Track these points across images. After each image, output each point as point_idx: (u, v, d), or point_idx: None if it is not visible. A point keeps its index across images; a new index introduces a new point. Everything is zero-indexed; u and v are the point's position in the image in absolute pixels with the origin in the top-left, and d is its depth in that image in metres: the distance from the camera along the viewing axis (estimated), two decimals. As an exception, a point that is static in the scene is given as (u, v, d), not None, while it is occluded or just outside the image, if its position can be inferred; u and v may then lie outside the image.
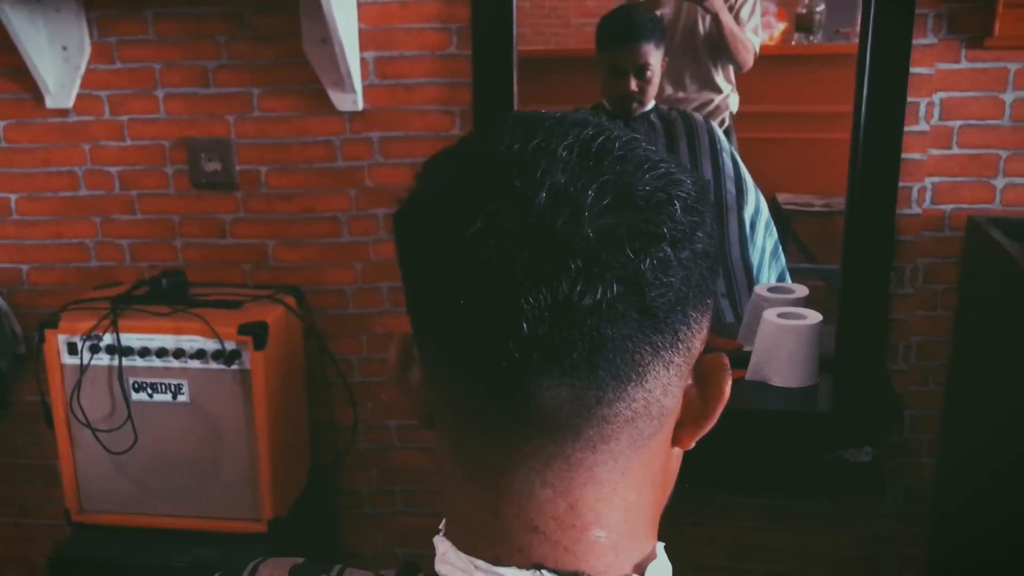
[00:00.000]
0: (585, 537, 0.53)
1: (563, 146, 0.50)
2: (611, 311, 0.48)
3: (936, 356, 1.82)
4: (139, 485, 1.75)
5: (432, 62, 1.80)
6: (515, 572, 0.52)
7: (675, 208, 0.50)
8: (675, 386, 0.53)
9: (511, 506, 0.53)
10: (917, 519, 1.92)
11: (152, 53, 1.86)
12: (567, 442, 0.51)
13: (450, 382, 0.53)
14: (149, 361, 1.69)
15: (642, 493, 0.55)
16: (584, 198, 0.48)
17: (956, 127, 1.71)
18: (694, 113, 2.27)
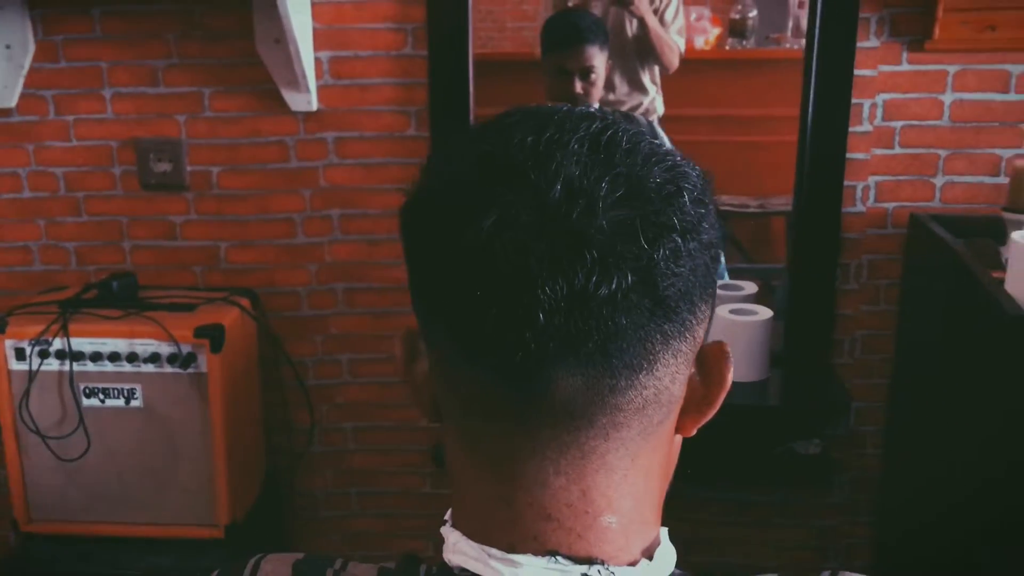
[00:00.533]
0: (597, 523, 0.54)
1: (575, 139, 0.51)
2: (625, 301, 0.49)
3: (880, 350, 1.88)
4: (91, 493, 1.71)
5: (387, 62, 1.80)
6: (530, 559, 0.53)
7: (684, 200, 0.52)
8: (682, 374, 0.55)
9: (525, 494, 0.54)
10: (863, 509, 1.98)
11: (99, 52, 1.82)
12: (581, 430, 0.52)
13: (462, 374, 0.54)
14: (101, 366, 1.65)
15: (650, 479, 0.57)
16: (598, 190, 0.49)
17: (898, 127, 1.77)
18: (638, 116, 2.30)
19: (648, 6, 2.22)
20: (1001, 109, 1.74)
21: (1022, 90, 1.73)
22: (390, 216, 1.87)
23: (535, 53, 2.19)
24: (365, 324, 1.94)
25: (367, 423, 2.01)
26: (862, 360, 1.89)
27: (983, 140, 1.76)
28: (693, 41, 2.77)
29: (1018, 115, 1.74)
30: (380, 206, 1.86)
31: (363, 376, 1.97)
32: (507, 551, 0.54)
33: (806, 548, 2.01)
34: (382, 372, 1.96)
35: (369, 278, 1.91)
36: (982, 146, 1.77)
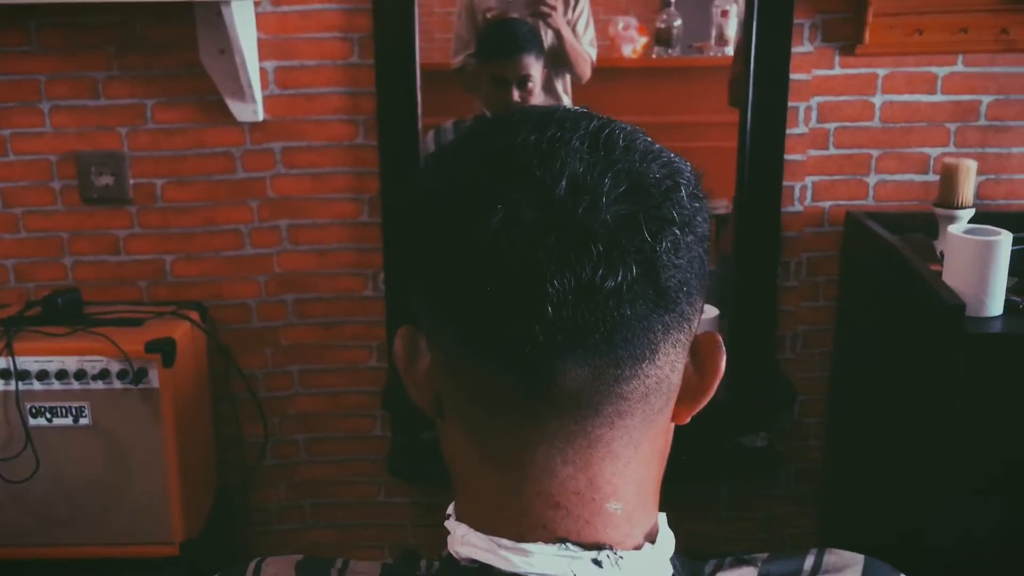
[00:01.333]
0: (603, 510, 0.56)
1: (576, 137, 0.53)
2: (630, 292, 0.51)
3: (821, 344, 1.95)
4: (41, 515, 1.67)
5: (334, 71, 1.80)
6: (540, 547, 0.55)
7: (682, 194, 0.54)
8: (680, 363, 0.57)
9: (533, 484, 0.56)
10: (808, 499, 2.04)
11: (36, 65, 1.79)
12: (587, 419, 0.54)
13: (469, 368, 0.55)
14: (48, 384, 1.62)
15: (650, 466, 0.59)
16: (601, 186, 0.51)
17: (832, 129, 1.84)
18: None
19: (563, 19, 2.27)
20: (928, 110, 1.82)
21: (948, 91, 1.81)
22: (339, 225, 1.87)
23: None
24: (316, 334, 1.93)
25: (319, 434, 2.00)
26: (804, 354, 1.96)
27: (912, 139, 1.84)
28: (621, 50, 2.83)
29: (944, 115, 1.82)
30: (329, 215, 1.86)
31: (314, 387, 1.96)
32: (516, 540, 0.55)
33: (753, 540, 2.06)
34: (333, 383, 1.96)
35: (319, 288, 1.90)
36: (912, 145, 1.85)
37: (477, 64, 2.25)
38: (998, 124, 1.83)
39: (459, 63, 2.29)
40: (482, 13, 2.33)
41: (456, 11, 2.37)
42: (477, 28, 2.31)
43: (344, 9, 1.77)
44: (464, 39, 2.32)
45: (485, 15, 2.33)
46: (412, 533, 2.04)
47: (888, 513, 1.71)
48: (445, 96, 2.14)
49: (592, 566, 0.55)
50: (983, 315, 1.38)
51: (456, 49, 2.32)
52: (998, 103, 1.82)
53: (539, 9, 2.23)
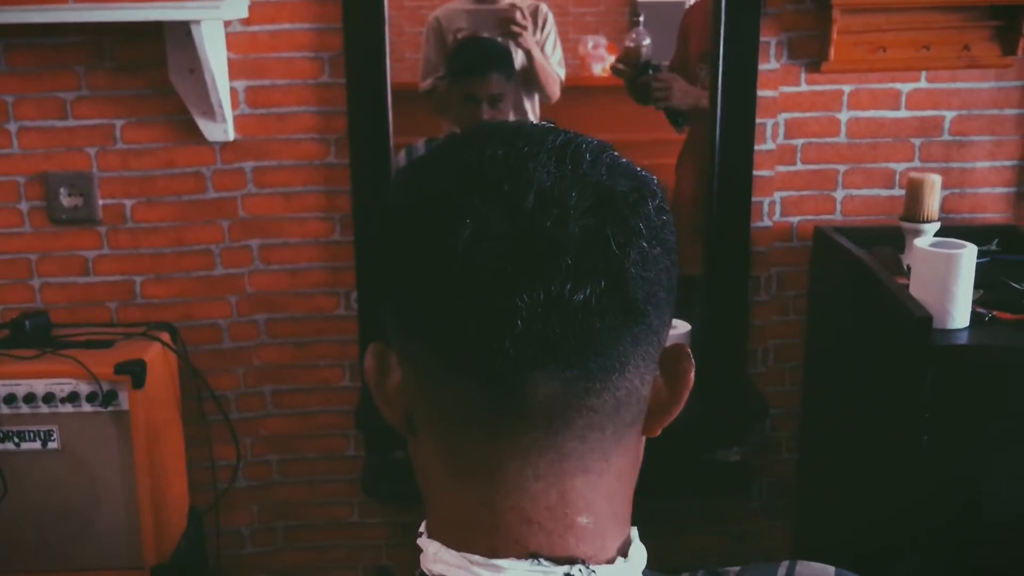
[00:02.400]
0: (576, 524, 0.56)
1: (543, 151, 0.54)
2: (599, 305, 0.51)
3: (791, 358, 1.96)
4: (7, 541, 1.65)
5: (305, 91, 1.80)
6: (512, 563, 0.55)
7: (648, 207, 0.54)
8: (649, 375, 0.57)
9: (505, 499, 0.56)
10: (781, 513, 2.05)
11: (4, 85, 1.77)
12: (559, 433, 0.54)
13: (440, 383, 0.55)
14: (15, 408, 1.60)
15: (621, 479, 0.59)
16: (569, 199, 0.52)
17: (799, 145, 1.86)
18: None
19: (533, 40, 2.29)
20: (893, 125, 1.85)
21: (912, 107, 1.84)
22: (311, 245, 1.86)
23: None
24: (288, 354, 1.92)
25: (292, 455, 1.98)
26: (775, 368, 1.97)
27: (878, 155, 1.87)
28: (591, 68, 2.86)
29: (909, 131, 1.85)
30: (301, 235, 1.85)
31: (287, 407, 1.95)
32: (489, 556, 0.55)
33: (727, 554, 2.07)
34: (306, 403, 1.95)
35: (291, 308, 1.90)
36: (878, 160, 1.87)
37: (448, 83, 2.26)
38: (961, 139, 1.86)
39: (428, 86, 2.30)
40: (452, 34, 2.34)
41: (424, 34, 2.38)
42: (446, 50, 2.32)
43: (315, 29, 1.77)
44: (432, 62, 2.33)
45: (455, 35, 2.34)
46: (387, 554, 2.03)
47: (862, 525, 1.72)
48: (416, 115, 2.14)
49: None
50: (949, 327, 1.40)
51: (425, 72, 2.33)
52: (961, 118, 1.85)
53: (509, 29, 2.25)
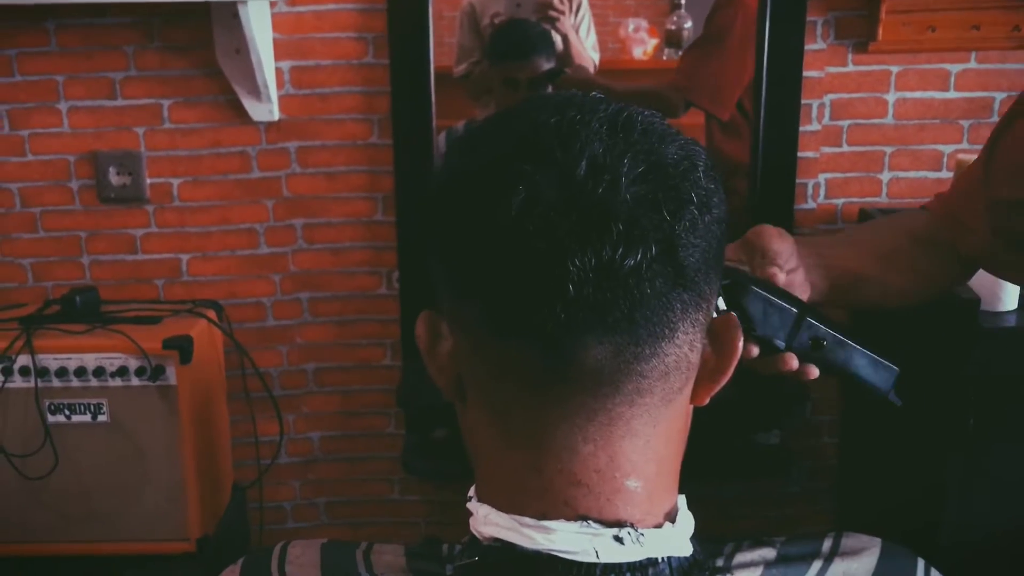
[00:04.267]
0: (624, 487, 0.57)
1: (595, 119, 0.54)
2: (650, 271, 0.52)
3: (834, 341, 1.94)
4: (59, 512, 1.68)
5: (349, 71, 1.81)
6: (562, 524, 0.56)
7: (699, 175, 0.55)
8: (698, 342, 0.58)
9: (555, 462, 0.56)
10: (821, 497, 2.04)
11: (54, 65, 1.80)
12: (608, 397, 0.55)
13: (492, 348, 0.56)
14: (66, 381, 1.63)
15: (670, 445, 0.60)
16: (620, 167, 0.52)
17: (845, 126, 1.84)
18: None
19: (570, 24, 2.28)
20: (941, 107, 1.82)
21: (961, 88, 1.81)
22: (354, 224, 1.88)
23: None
24: (330, 333, 1.94)
25: (334, 432, 2.01)
26: (817, 352, 1.95)
27: (925, 137, 1.84)
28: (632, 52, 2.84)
29: (957, 112, 1.82)
30: (343, 214, 1.87)
31: (328, 385, 1.97)
32: (539, 519, 0.56)
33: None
34: (347, 381, 1.97)
35: (334, 287, 1.92)
36: (925, 142, 1.85)
37: (488, 66, 2.25)
38: (1012, 121, 1.83)
39: (463, 71, 2.28)
40: (488, 18, 2.34)
41: (457, 19, 2.38)
42: (480, 35, 2.31)
43: (359, 9, 1.78)
44: (467, 48, 2.32)
45: (492, 20, 2.34)
46: (426, 531, 2.05)
47: (903, 510, 1.71)
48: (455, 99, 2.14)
49: (614, 543, 0.56)
50: (999, 309, 1.38)
51: (459, 58, 2.32)
52: (1011, 100, 1.81)
53: (547, 14, 2.24)
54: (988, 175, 0.98)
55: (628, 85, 2.41)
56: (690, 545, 0.59)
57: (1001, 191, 0.96)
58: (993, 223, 0.97)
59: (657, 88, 2.40)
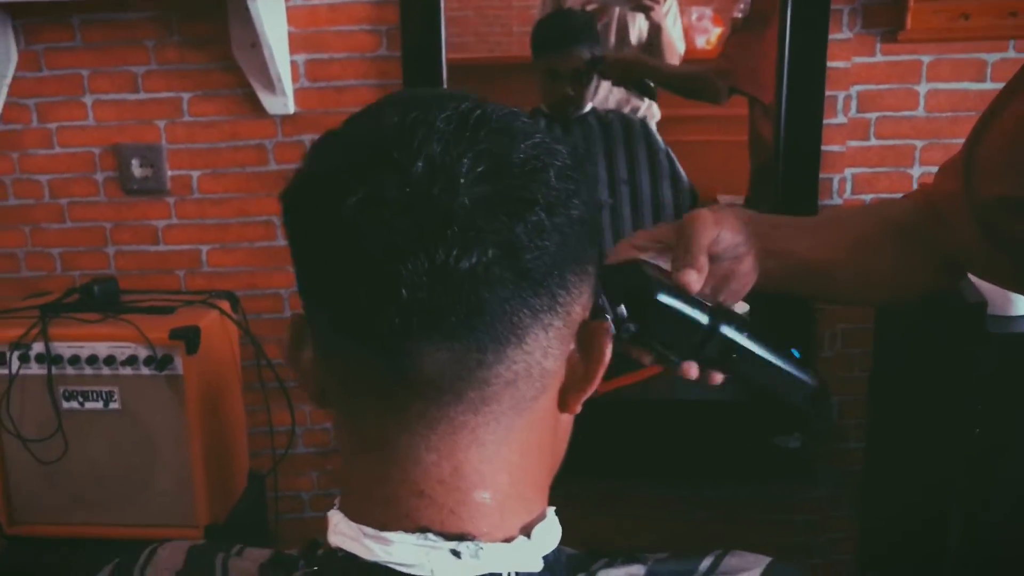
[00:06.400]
0: (470, 499, 0.55)
1: (441, 118, 0.52)
2: (487, 274, 0.49)
3: (861, 343, 1.87)
4: (72, 495, 1.73)
5: (363, 64, 1.81)
6: (400, 536, 0.54)
7: (549, 175, 0.52)
8: (555, 349, 0.55)
9: (398, 471, 0.55)
10: (847, 503, 1.97)
11: (80, 59, 1.85)
12: (450, 405, 0.53)
13: (340, 353, 0.55)
14: (79, 369, 1.67)
15: (527, 456, 0.57)
16: (459, 167, 0.50)
17: (873, 119, 1.76)
18: (631, 115, 2.30)
19: (663, 12, 2.22)
20: (977, 98, 1.73)
21: (998, 78, 1.72)
22: (368, 217, 1.87)
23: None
24: (346, 325, 1.95)
25: (351, 424, 2.01)
26: (843, 353, 1.88)
27: (959, 130, 1.75)
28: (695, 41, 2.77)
29: (993, 104, 1.73)
30: (358, 207, 1.87)
31: (346, 377, 1.98)
32: (380, 529, 0.55)
33: (790, 544, 1.99)
34: (364, 373, 1.97)
35: (349, 279, 1.92)
36: (958, 136, 1.73)
37: (532, 57, 2.23)
38: (1054, 113, 1.72)
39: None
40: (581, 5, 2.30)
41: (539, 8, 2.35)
42: None
43: (373, 1, 1.78)
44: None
45: (584, 7, 2.29)
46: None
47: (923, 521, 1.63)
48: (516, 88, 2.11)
49: (450, 556, 0.53)
50: (1008, 314, 1.30)
51: None
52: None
53: (642, 3, 2.19)
54: (972, 170, 0.91)
55: (675, 67, 2.35)
56: (540, 561, 0.56)
57: (991, 188, 0.89)
58: (979, 222, 0.90)
59: (702, 72, 2.34)
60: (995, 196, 0.88)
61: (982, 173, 0.90)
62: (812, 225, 1.00)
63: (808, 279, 0.93)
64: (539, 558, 0.56)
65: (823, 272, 0.93)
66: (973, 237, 0.91)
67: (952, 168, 0.94)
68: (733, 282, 0.85)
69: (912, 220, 0.96)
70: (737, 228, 0.85)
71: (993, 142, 0.90)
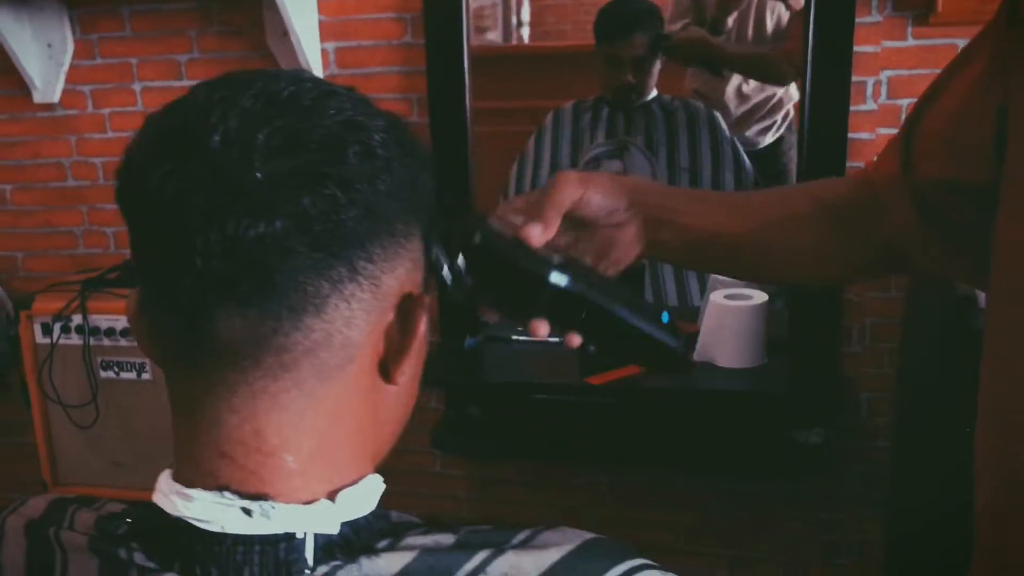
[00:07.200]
0: (271, 461, 0.57)
1: (248, 95, 0.55)
2: (277, 245, 0.52)
3: (890, 338, 1.81)
4: (111, 459, 1.84)
5: (389, 51, 1.85)
6: (201, 493, 0.57)
7: (348, 152, 0.54)
8: (360, 320, 0.56)
9: (203, 433, 0.58)
10: (876, 503, 1.91)
11: (129, 48, 1.95)
12: (248, 370, 0.55)
13: (153, 319, 0.58)
14: (115, 341, 1.77)
15: (338, 423, 0.59)
16: (254, 141, 0.52)
17: (904, 105, 1.70)
18: (696, 103, 2.25)
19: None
20: (1014, 84, 1.64)
21: (1037, 63, 1.63)
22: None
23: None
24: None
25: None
26: (872, 348, 1.82)
27: (995, 117, 1.67)
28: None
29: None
30: (385, 191, 1.91)
31: (375, 357, 2.03)
32: (188, 486, 0.58)
33: (815, 542, 1.94)
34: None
35: (378, 262, 1.97)
36: (995, 124, 1.67)
37: (595, 44, 2.22)
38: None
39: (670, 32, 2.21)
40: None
41: None
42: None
43: (398, -11, 1.82)
44: (683, 6, 2.25)
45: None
46: (468, 507, 2.08)
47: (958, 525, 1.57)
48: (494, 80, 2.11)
49: (242, 515, 0.56)
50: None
51: (673, 15, 2.25)
52: None
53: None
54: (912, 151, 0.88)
55: (742, 48, 2.30)
56: (338, 524, 0.58)
57: (930, 170, 0.86)
58: (917, 205, 0.87)
59: (770, 54, 2.29)
60: (934, 178, 0.85)
61: (921, 154, 0.87)
62: (724, 199, 0.97)
63: (710, 252, 0.90)
64: (338, 521, 0.58)
65: (731, 247, 0.90)
66: (911, 221, 0.88)
67: (892, 148, 0.91)
68: (614, 250, 0.84)
69: (848, 202, 0.92)
70: (611, 192, 0.83)
71: (934, 121, 0.86)
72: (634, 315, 0.73)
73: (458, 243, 0.67)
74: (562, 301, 0.71)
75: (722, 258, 0.93)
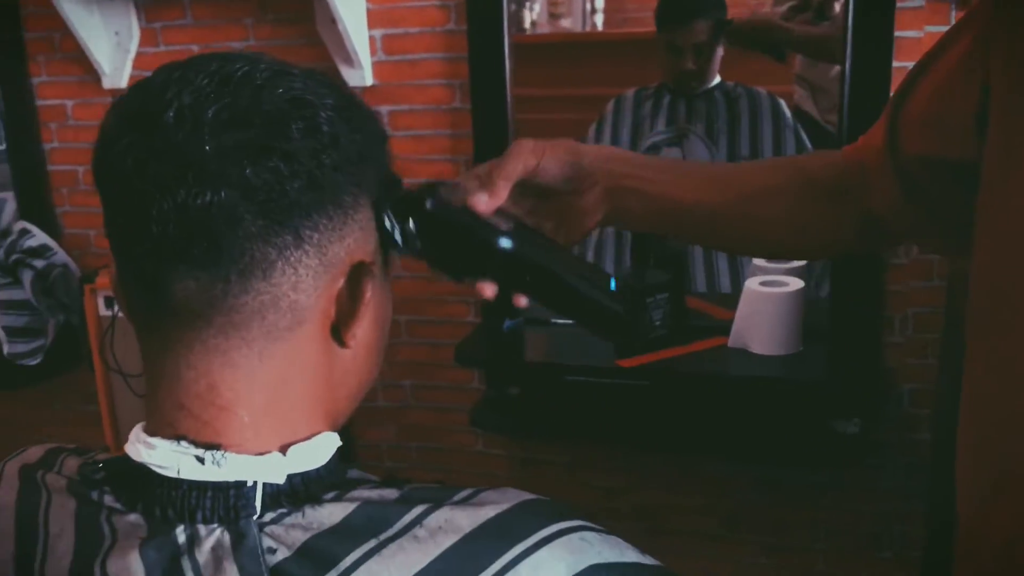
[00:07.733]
0: (224, 415, 0.62)
1: (203, 74, 0.60)
2: (224, 212, 0.57)
3: (933, 328, 1.78)
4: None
5: (433, 38, 1.90)
6: (160, 442, 0.62)
7: (292, 126, 0.58)
8: (308, 285, 0.61)
9: (165, 387, 0.63)
10: (920, 495, 1.88)
11: (191, 36, 2.04)
12: (202, 329, 0.61)
13: (126, 285, 0.64)
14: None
15: (289, 382, 0.63)
16: (204, 116, 0.57)
17: (948, 92, 1.66)
18: (759, 90, 2.24)
19: None
20: (1064, 69, 1.60)
21: (1089, 47, 1.58)
22: (439, 185, 1.96)
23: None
24: (420, 287, 2.05)
25: (424, 381, 2.12)
26: (914, 339, 1.79)
27: (1043, 103, 1.62)
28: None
29: (1083, 75, 1.59)
30: (429, 175, 1.96)
31: (419, 336, 2.09)
32: (151, 436, 0.63)
33: (856, 533, 1.92)
34: (436, 334, 2.07)
35: (423, 244, 2.01)
36: (1043, 110, 1.62)
37: (656, 31, 2.22)
38: None
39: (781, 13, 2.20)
40: None
41: None
42: None
43: (443, -24, 1.86)
44: None
45: None
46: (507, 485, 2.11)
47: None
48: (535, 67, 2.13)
49: (195, 462, 0.61)
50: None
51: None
52: None
53: None
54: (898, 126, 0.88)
55: (807, 29, 2.27)
56: (284, 476, 0.62)
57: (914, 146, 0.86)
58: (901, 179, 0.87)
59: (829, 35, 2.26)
60: (918, 155, 0.85)
61: (906, 131, 0.87)
62: (704, 170, 0.98)
63: (684, 222, 0.92)
64: (285, 472, 0.62)
65: (706, 217, 0.91)
66: (896, 197, 0.88)
67: (878, 125, 0.91)
68: (573, 216, 0.86)
69: (834, 175, 0.93)
70: (567, 160, 0.85)
71: (919, 100, 0.86)
72: (578, 280, 0.76)
73: (409, 207, 0.70)
74: (507, 264, 0.74)
75: (696, 228, 0.94)
